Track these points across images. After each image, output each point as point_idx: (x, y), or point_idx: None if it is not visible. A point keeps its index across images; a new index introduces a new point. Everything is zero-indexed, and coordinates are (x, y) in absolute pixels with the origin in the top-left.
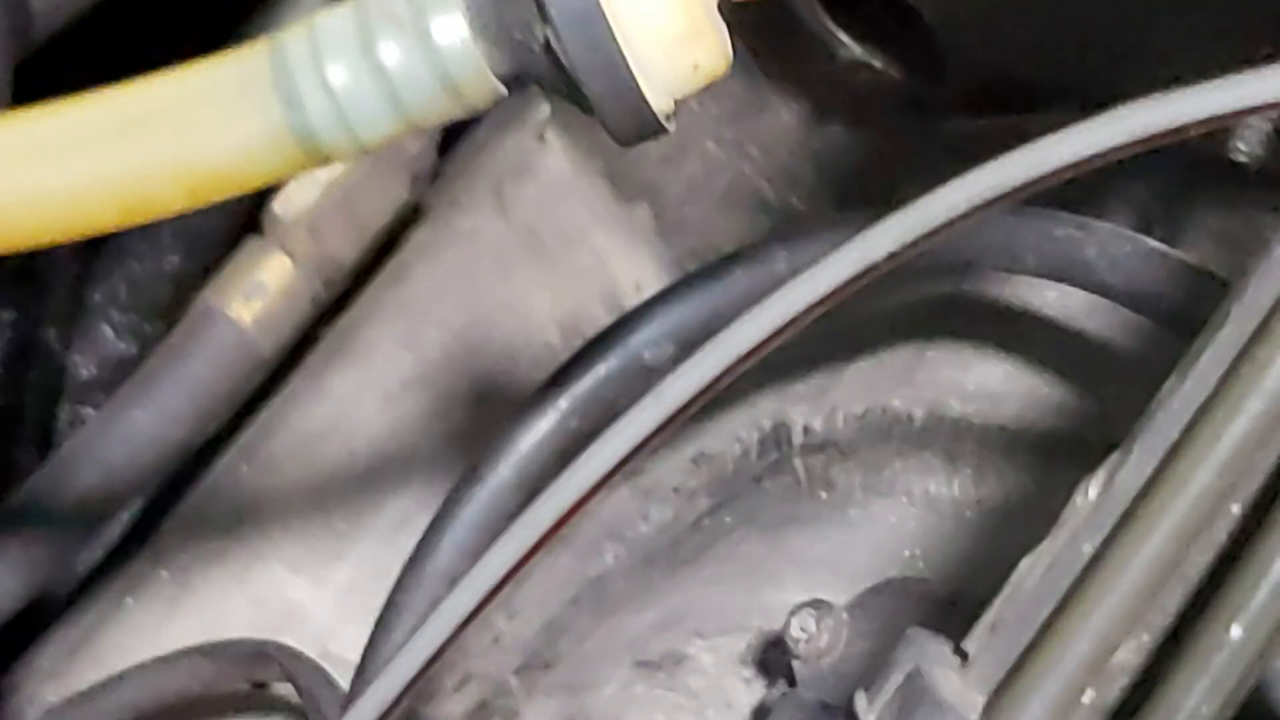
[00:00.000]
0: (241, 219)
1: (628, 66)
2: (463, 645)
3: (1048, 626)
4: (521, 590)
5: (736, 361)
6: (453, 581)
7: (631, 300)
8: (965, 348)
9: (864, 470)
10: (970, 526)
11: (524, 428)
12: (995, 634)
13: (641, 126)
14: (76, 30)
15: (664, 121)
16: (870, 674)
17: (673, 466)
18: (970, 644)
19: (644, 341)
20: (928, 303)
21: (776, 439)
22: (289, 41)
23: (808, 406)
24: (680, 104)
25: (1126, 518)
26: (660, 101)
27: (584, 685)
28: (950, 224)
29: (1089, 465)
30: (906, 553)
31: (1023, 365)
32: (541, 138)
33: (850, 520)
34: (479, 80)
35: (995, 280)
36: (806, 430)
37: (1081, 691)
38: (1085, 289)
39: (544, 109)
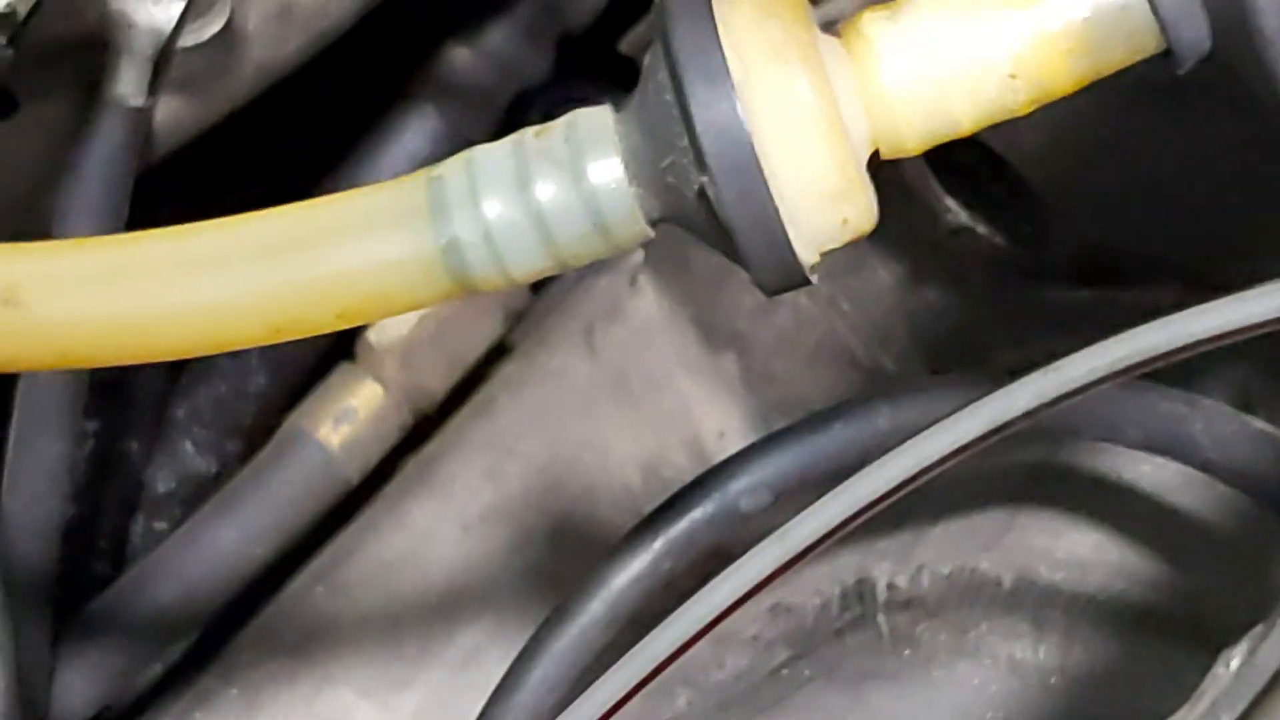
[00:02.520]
0: (327, 347)
1: (779, 219)
2: None
3: None
4: None
5: (865, 507)
6: (537, 715)
7: (715, 447)
8: (1056, 515)
9: (949, 630)
10: (1054, 694)
11: (617, 566)
12: None
13: (787, 278)
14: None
15: (809, 274)
16: None
17: (750, 615)
18: None
19: (742, 488)
20: (1019, 467)
21: (860, 594)
22: (447, 173)
23: (892, 564)
24: (827, 256)
25: (1267, 691)
26: (808, 254)
27: None
28: (1087, 388)
29: (1177, 640)
30: (989, 716)
31: (1114, 536)
32: (634, 282)
33: (933, 680)
34: (630, 222)
35: (1089, 449)
36: (891, 587)
37: None
38: (1189, 465)
39: (637, 254)
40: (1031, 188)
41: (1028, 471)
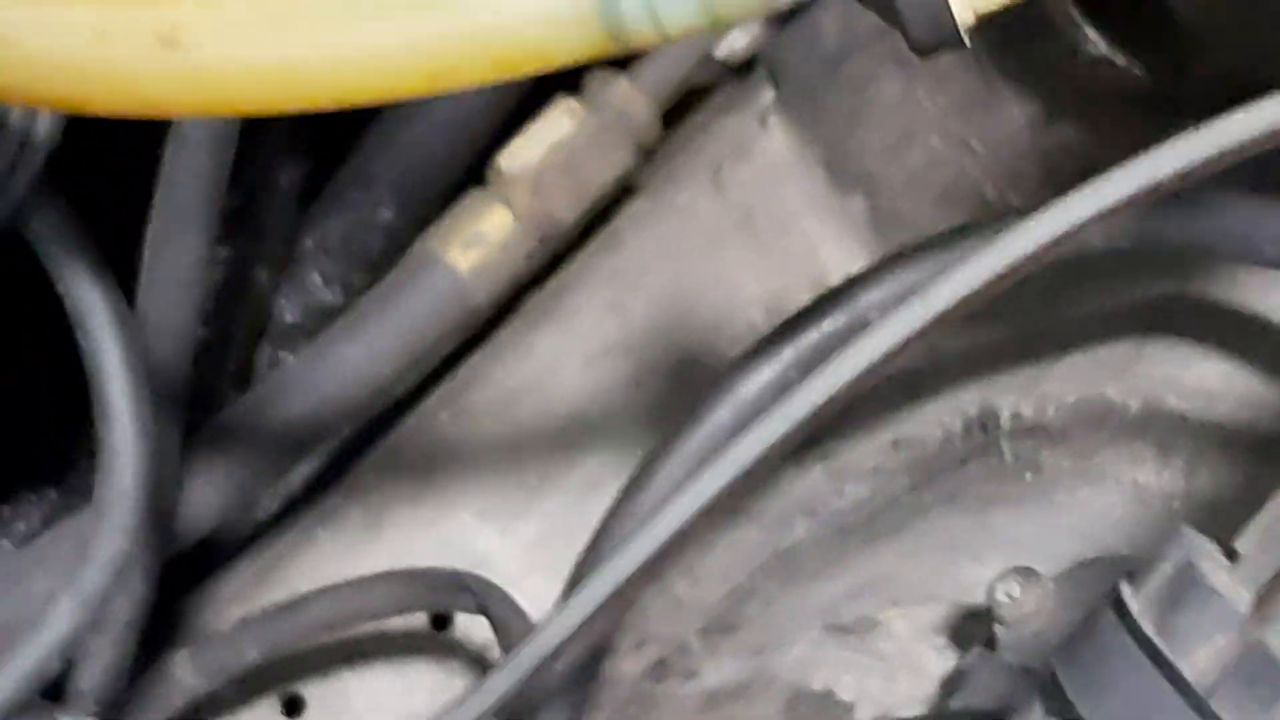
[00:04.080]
0: (456, 179)
1: None
2: (641, 608)
3: None
4: (706, 559)
5: (967, 296)
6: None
7: None
8: (1185, 345)
9: (1073, 455)
10: (1177, 518)
11: (746, 373)
12: (1268, 534)
13: (941, 34)
14: None
15: (963, 34)
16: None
17: (870, 449)
18: (1241, 543)
19: (871, 303)
20: (1148, 300)
21: (983, 424)
22: None
23: (1016, 396)
24: (982, 18)
25: None
26: (962, 11)
27: (770, 646)
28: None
29: None
30: (1111, 539)
31: (1242, 365)
32: (763, 122)
33: (1056, 503)
34: None
35: (1218, 279)
36: (1015, 416)
37: None
38: None
39: (768, 94)
40: (1174, 16)
41: (1157, 303)
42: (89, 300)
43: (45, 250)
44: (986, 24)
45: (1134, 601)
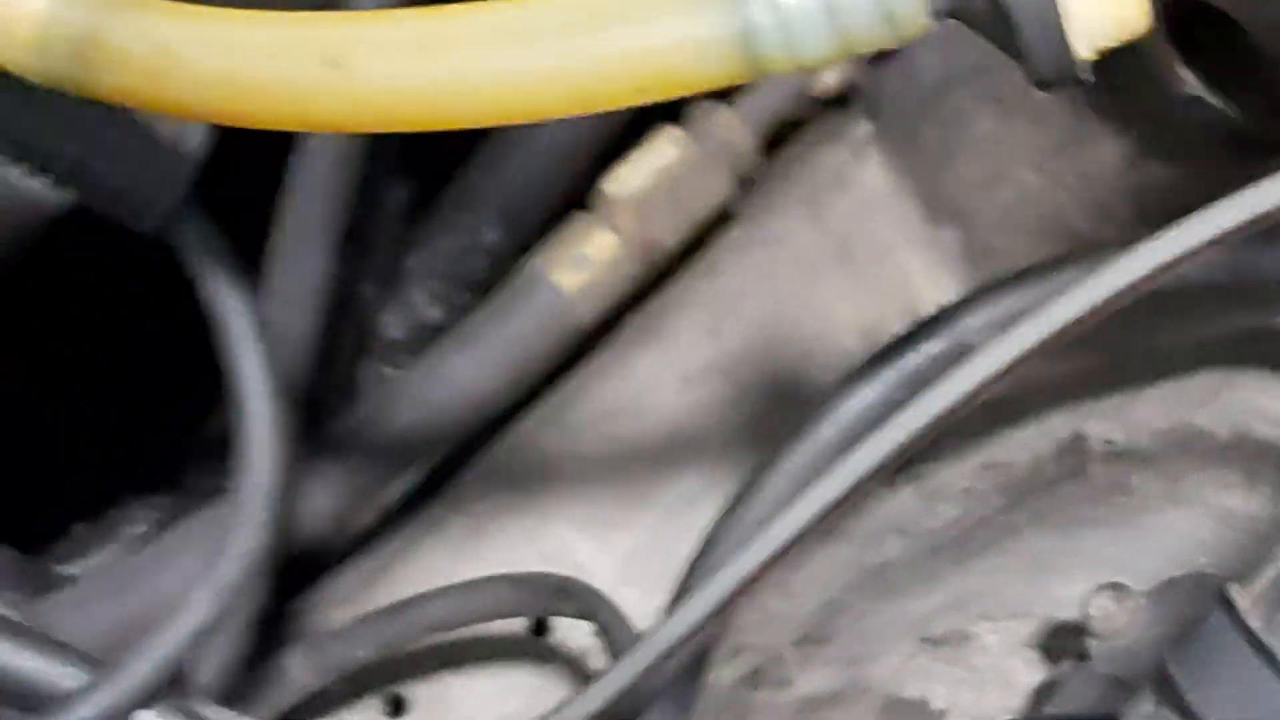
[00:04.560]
0: (559, 203)
1: (1057, 9)
2: (736, 620)
3: None
4: (799, 574)
5: (1073, 322)
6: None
7: None
8: (1273, 376)
9: (1161, 479)
10: (1264, 543)
11: (849, 394)
12: None
13: (1061, 71)
14: None
15: (1083, 71)
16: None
17: (961, 471)
18: None
19: (973, 329)
20: (1237, 330)
21: (1074, 448)
22: None
23: (1107, 421)
24: (1104, 55)
25: None
26: (1084, 48)
27: (863, 658)
28: None
29: None
30: (1200, 560)
31: None
32: (860, 154)
33: (1144, 525)
34: (916, 12)
35: None
36: (1106, 441)
37: None
38: None
39: (865, 128)
40: (1267, 57)
41: (1246, 334)
42: (232, 310)
43: (191, 260)
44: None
45: (1242, 599)
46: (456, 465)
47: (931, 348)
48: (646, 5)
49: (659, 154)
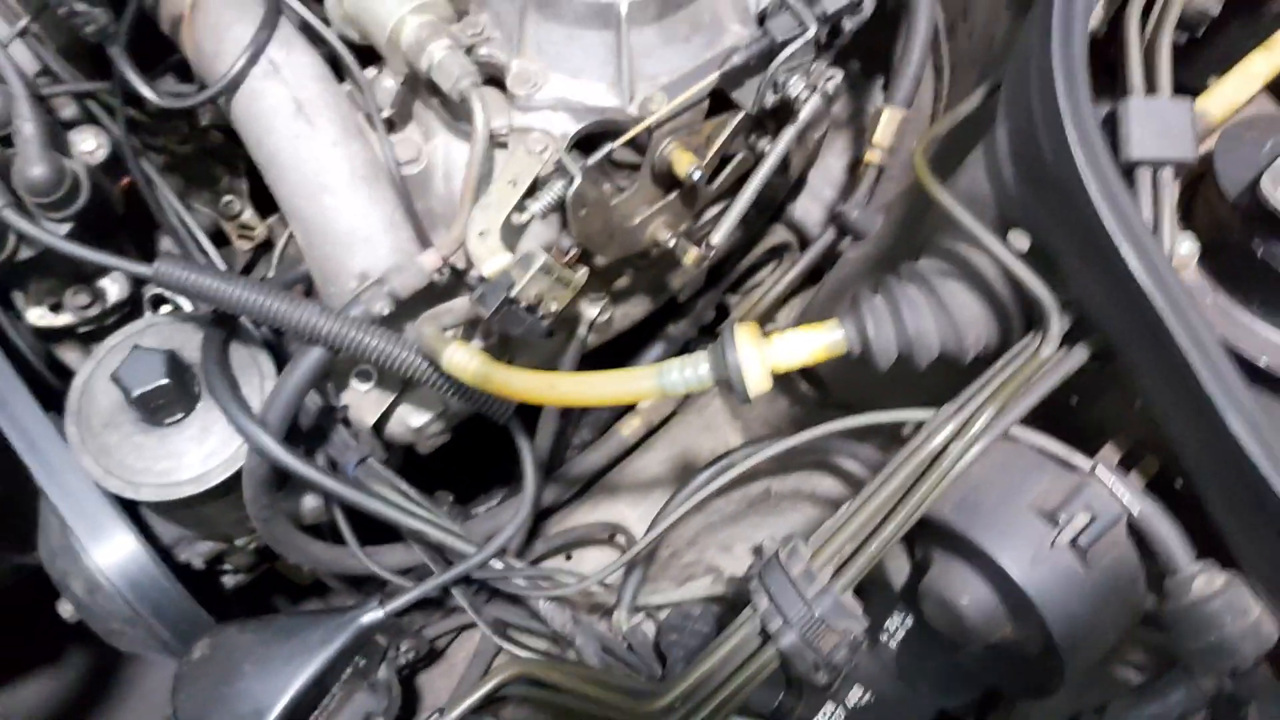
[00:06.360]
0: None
1: (744, 379)
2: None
3: None
4: (690, 522)
5: None
6: None
7: None
8: None
9: (796, 494)
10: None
11: None
12: None
13: (743, 399)
14: None
15: (750, 397)
16: None
17: (765, 481)
18: None
19: None
20: None
21: (769, 491)
22: (670, 364)
23: (776, 480)
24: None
25: None
26: (752, 394)
27: (708, 548)
28: None
29: None
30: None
31: None
32: None
33: (784, 514)
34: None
35: None
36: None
37: None
38: None
39: None
40: None
41: None
42: (521, 435)
43: (513, 435)
44: None
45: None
46: (587, 487)
47: None
48: (634, 378)
49: None
